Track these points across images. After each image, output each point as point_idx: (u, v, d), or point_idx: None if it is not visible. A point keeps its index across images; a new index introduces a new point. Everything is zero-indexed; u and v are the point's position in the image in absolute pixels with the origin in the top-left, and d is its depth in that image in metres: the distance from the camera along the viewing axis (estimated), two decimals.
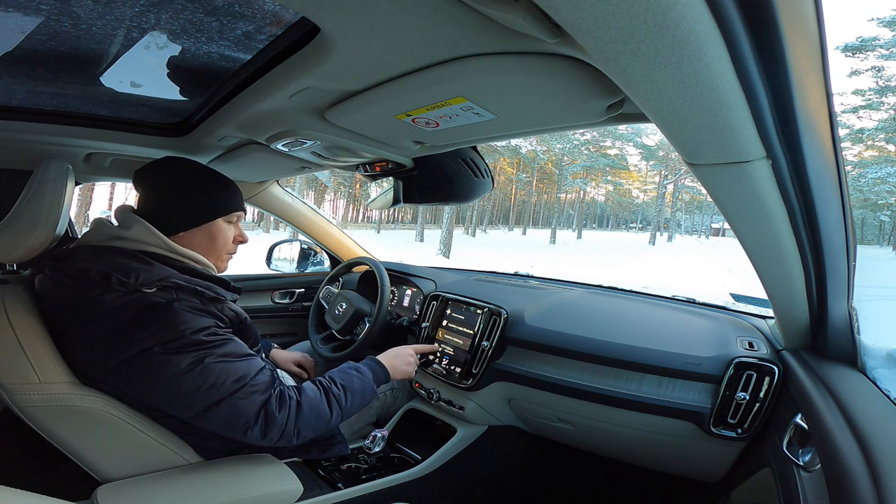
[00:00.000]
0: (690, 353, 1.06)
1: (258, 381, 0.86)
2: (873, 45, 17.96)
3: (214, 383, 0.82)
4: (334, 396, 0.95)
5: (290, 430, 0.87)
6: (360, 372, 1.04)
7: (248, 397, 0.84)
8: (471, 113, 0.70)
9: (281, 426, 0.86)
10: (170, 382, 0.80)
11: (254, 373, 0.86)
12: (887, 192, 18.82)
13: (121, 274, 0.81)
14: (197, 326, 0.83)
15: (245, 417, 0.84)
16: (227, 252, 1.02)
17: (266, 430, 0.85)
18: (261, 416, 0.85)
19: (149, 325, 0.80)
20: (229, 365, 0.84)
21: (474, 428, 1.36)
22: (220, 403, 0.82)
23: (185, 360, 0.80)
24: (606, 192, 36.83)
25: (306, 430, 0.90)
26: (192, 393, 0.81)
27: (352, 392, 0.98)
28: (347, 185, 26.18)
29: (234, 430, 0.85)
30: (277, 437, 0.87)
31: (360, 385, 1.01)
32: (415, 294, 1.62)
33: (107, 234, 0.88)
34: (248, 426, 0.84)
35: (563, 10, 0.36)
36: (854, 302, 0.81)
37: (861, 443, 0.56)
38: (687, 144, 0.53)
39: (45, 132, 1.11)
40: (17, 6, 0.64)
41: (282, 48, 0.69)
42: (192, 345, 0.81)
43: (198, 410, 0.83)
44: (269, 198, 1.75)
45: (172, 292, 0.85)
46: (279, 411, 0.86)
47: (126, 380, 0.82)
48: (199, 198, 0.95)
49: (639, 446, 1.16)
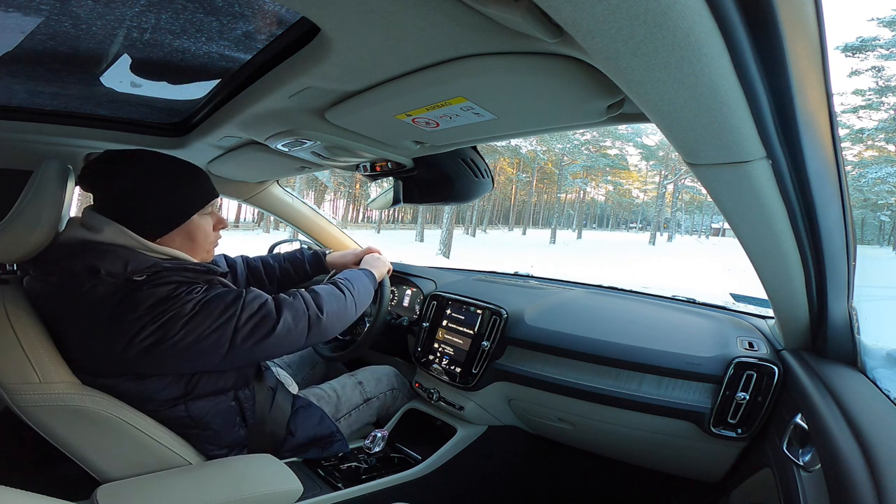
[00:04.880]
0: (690, 353, 1.06)
1: (253, 294, 0.90)
2: (873, 45, 17.96)
3: (220, 315, 0.84)
4: (343, 284, 1.04)
5: (314, 312, 0.94)
6: (353, 271, 1.15)
7: (257, 307, 0.88)
8: (471, 113, 0.70)
9: (304, 310, 0.92)
10: (180, 341, 0.80)
11: (245, 293, 0.89)
12: (887, 192, 18.81)
13: (109, 265, 0.80)
14: (185, 290, 0.84)
15: (269, 319, 0.88)
16: (210, 243, 0.98)
17: (294, 317, 0.90)
18: (283, 311, 0.90)
19: (138, 305, 0.79)
20: (221, 297, 0.86)
21: (474, 428, 1.36)
22: (238, 326, 0.85)
23: (183, 313, 0.81)
24: (606, 192, 36.83)
25: (329, 309, 0.97)
26: (206, 336, 0.82)
27: (355, 281, 1.08)
28: (347, 185, 26.18)
29: (268, 338, 0.87)
30: (306, 323, 0.92)
31: (358, 276, 1.12)
32: (415, 294, 1.62)
33: (79, 239, 0.84)
34: (276, 324, 0.88)
35: (563, 10, 0.36)
36: (854, 302, 0.81)
37: (861, 443, 0.56)
38: (687, 144, 0.53)
39: (45, 132, 1.11)
40: (17, 6, 0.64)
41: (282, 48, 0.69)
42: (184, 302, 0.82)
43: (225, 348, 0.84)
44: (269, 198, 1.75)
45: (163, 273, 0.84)
46: (294, 299, 0.93)
47: (139, 361, 0.81)
48: (166, 199, 0.89)
49: (639, 446, 1.16)
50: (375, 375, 1.39)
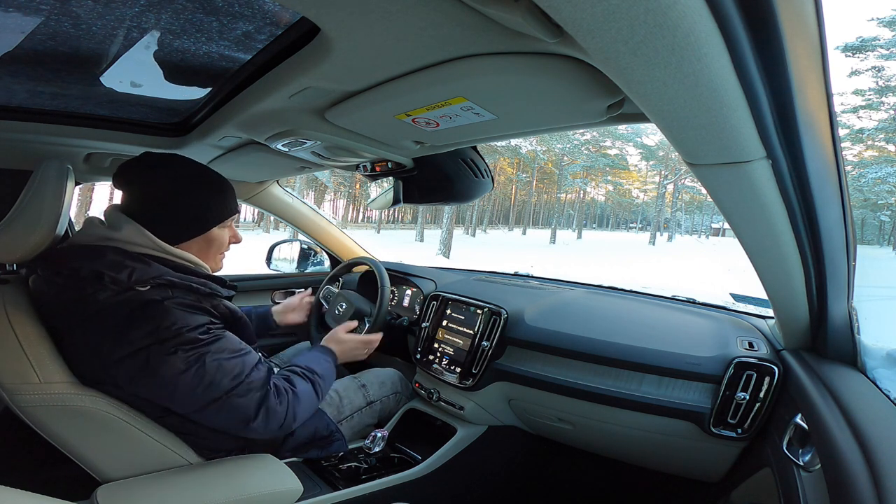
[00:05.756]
0: (690, 353, 1.06)
1: (254, 377, 0.89)
2: (873, 45, 17.95)
3: (212, 382, 0.83)
4: (318, 383, 1.04)
5: (289, 420, 0.93)
6: (327, 359, 1.14)
7: (245, 394, 0.87)
8: (471, 113, 0.70)
9: (281, 418, 0.91)
10: (167, 381, 0.81)
11: (249, 370, 0.88)
12: (887, 192, 18.81)
13: (113, 272, 0.80)
14: (192, 324, 0.83)
15: (245, 413, 0.87)
16: (221, 254, 1.02)
17: (267, 422, 0.89)
18: (261, 411, 0.88)
19: (144, 324, 0.80)
20: (225, 363, 0.85)
21: (474, 428, 1.36)
22: (218, 401, 0.84)
23: (182, 359, 0.81)
24: (606, 192, 36.83)
25: (302, 416, 0.97)
26: (190, 392, 0.82)
27: (326, 378, 1.08)
28: (347, 185, 26.17)
29: (235, 426, 0.89)
30: (277, 428, 0.92)
31: (329, 370, 1.11)
32: (415, 294, 1.62)
33: (97, 235, 0.86)
34: (248, 420, 0.87)
35: (563, 10, 0.36)
36: (854, 302, 0.81)
37: (861, 443, 0.56)
38: (687, 144, 0.53)
39: (45, 132, 1.11)
40: (17, 6, 0.64)
41: (282, 48, 0.69)
42: (187, 343, 0.82)
43: (197, 407, 0.85)
44: (269, 198, 1.75)
45: (167, 290, 0.84)
46: (279, 405, 0.91)
47: (124, 378, 0.82)
48: (193, 208, 0.92)
49: (639, 446, 1.16)
50: (379, 379, 1.39)
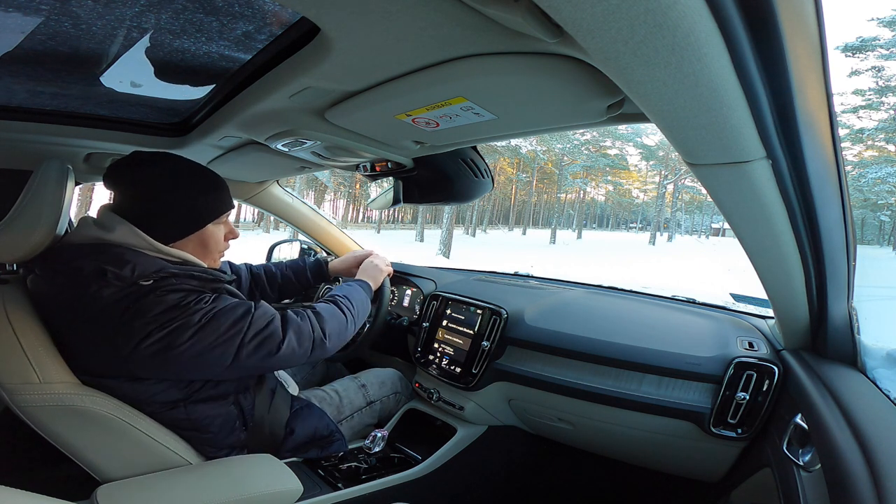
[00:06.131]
0: (690, 353, 1.06)
1: (262, 310, 0.91)
2: (873, 45, 17.94)
3: (230, 331, 0.85)
4: (342, 303, 1.06)
5: (318, 335, 0.96)
6: (351, 286, 1.16)
7: (265, 325, 0.89)
8: (471, 113, 0.70)
9: (309, 332, 0.94)
10: (189, 351, 0.81)
11: (254, 307, 0.90)
12: (887, 192, 18.80)
13: (116, 267, 0.80)
14: (193, 299, 0.84)
15: (272, 339, 0.89)
16: (219, 251, 1.01)
17: (299, 339, 0.92)
18: (288, 332, 0.91)
19: (147, 311, 0.80)
20: (230, 310, 0.87)
21: (474, 428, 1.36)
22: (244, 344, 0.86)
23: (191, 323, 0.82)
24: (606, 192, 36.82)
25: (331, 330, 0.99)
26: (212, 348, 0.83)
27: (354, 299, 1.10)
28: (347, 185, 26.17)
29: (270, 360, 0.89)
30: (310, 345, 0.94)
31: (357, 292, 1.13)
32: (415, 294, 1.62)
33: (90, 236, 0.85)
34: (280, 344, 0.89)
35: (563, 10, 0.36)
36: (854, 302, 0.81)
37: (861, 443, 0.56)
38: (687, 144, 0.53)
39: (45, 132, 1.11)
40: (17, 6, 0.64)
41: (282, 48, 0.69)
42: (195, 311, 0.83)
43: (229, 362, 0.86)
44: (269, 198, 1.75)
45: (170, 280, 0.84)
46: (301, 319, 0.95)
47: (144, 365, 0.82)
48: (186, 206, 0.90)
49: (639, 446, 1.16)
50: (379, 379, 1.39)
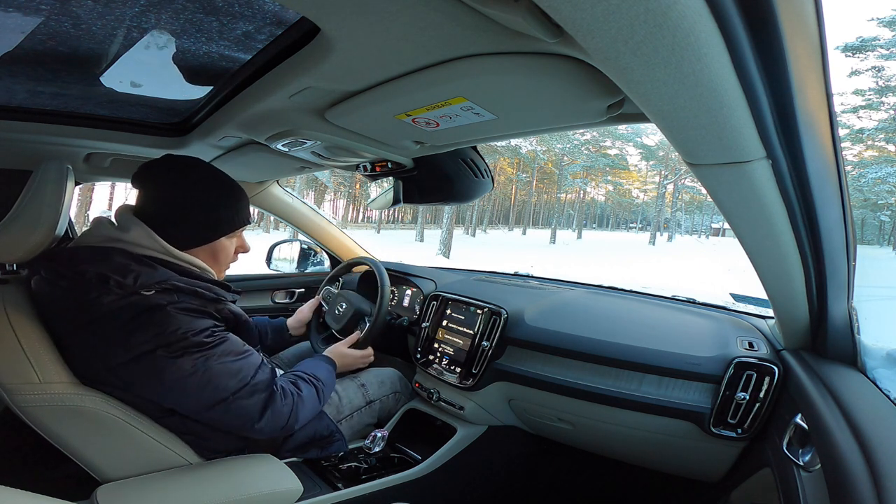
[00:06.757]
0: (690, 353, 1.06)
1: (259, 378, 0.90)
2: (873, 45, 17.94)
3: (217, 384, 0.84)
4: (321, 389, 1.06)
5: (291, 421, 0.95)
6: (328, 367, 1.16)
7: (250, 396, 0.88)
8: (471, 113, 0.70)
9: (284, 419, 0.93)
10: (173, 384, 0.82)
11: (253, 371, 0.90)
12: (887, 192, 18.80)
13: (118, 276, 0.80)
14: (196, 328, 0.83)
15: (250, 413, 0.88)
16: (227, 263, 1.02)
17: (271, 423, 0.91)
18: (266, 412, 0.90)
19: (148, 328, 0.80)
20: (230, 365, 0.86)
21: (474, 428, 1.36)
22: (224, 402, 0.86)
23: (188, 362, 0.81)
24: (606, 192, 36.83)
25: (303, 418, 0.99)
26: (196, 394, 0.83)
27: (328, 385, 1.10)
28: (347, 185, 26.17)
29: (240, 427, 0.90)
30: (280, 428, 0.94)
31: (331, 379, 1.14)
32: (415, 294, 1.62)
33: (104, 236, 0.86)
34: (254, 421, 0.89)
35: (563, 9, 0.36)
36: (854, 302, 0.81)
37: (861, 443, 0.56)
38: (687, 144, 0.53)
39: (45, 132, 1.11)
40: (17, 6, 0.64)
41: (282, 48, 0.69)
42: (193, 347, 0.82)
43: (203, 409, 0.86)
44: (269, 198, 1.75)
45: (172, 294, 0.84)
46: (284, 406, 0.93)
47: (128, 381, 0.82)
48: (206, 216, 0.92)
49: (639, 446, 1.16)
50: (379, 378, 1.39)
